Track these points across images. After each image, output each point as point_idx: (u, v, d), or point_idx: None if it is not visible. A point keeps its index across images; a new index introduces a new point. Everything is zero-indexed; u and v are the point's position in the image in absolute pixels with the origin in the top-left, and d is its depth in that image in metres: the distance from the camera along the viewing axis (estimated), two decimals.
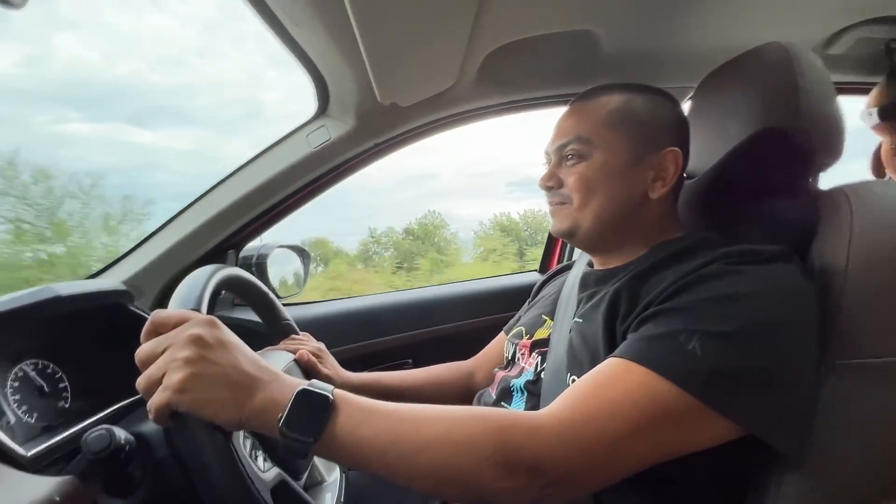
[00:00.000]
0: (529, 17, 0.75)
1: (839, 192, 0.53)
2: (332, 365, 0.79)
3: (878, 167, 0.93)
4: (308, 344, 0.78)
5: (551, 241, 1.37)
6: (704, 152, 0.68)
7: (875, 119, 0.88)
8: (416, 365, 0.96)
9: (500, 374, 0.77)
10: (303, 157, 0.92)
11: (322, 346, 0.80)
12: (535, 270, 1.41)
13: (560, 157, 0.65)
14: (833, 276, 0.48)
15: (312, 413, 0.41)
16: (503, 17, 0.73)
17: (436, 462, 0.41)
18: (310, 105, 0.92)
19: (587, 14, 0.78)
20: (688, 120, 0.66)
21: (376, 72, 0.72)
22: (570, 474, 0.42)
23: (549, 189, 0.66)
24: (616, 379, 0.45)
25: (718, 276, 0.48)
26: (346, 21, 0.58)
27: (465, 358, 0.92)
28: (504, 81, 0.89)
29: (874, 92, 0.91)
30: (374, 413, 0.43)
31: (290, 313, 0.81)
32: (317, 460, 0.75)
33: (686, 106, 0.75)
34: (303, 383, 0.42)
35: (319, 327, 1.02)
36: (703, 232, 0.62)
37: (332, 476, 0.78)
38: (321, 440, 0.40)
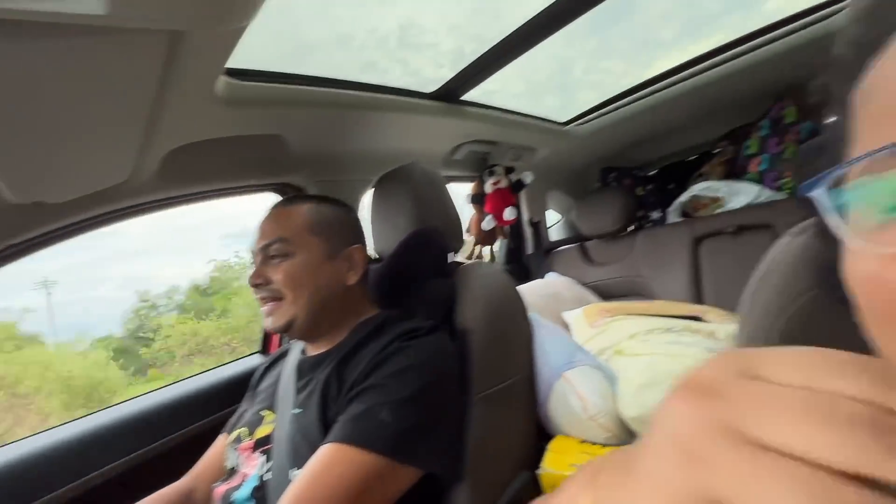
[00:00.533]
0: (216, 122, 0.76)
1: (462, 271, 0.78)
2: None
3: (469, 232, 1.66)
4: None
5: None
6: (387, 238, 0.85)
7: (469, 201, 1.59)
8: (135, 498, 0.73)
9: (221, 489, 0.71)
10: None
11: None
12: (258, 352, 1.34)
13: (265, 256, 0.70)
14: (467, 334, 0.70)
15: None
16: (183, 121, 0.71)
17: None
18: None
19: (274, 121, 0.86)
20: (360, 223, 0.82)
21: (2, 171, 0.57)
22: None
23: (257, 286, 0.69)
24: (329, 464, 0.52)
25: (397, 352, 0.62)
26: None
27: None
28: (191, 175, 0.85)
29: (474, 184, 1.60)
30: None
31: None
32: None
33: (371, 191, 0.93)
34: None
35: None
36: (387, 310, 0.77)
37: None
38: None
